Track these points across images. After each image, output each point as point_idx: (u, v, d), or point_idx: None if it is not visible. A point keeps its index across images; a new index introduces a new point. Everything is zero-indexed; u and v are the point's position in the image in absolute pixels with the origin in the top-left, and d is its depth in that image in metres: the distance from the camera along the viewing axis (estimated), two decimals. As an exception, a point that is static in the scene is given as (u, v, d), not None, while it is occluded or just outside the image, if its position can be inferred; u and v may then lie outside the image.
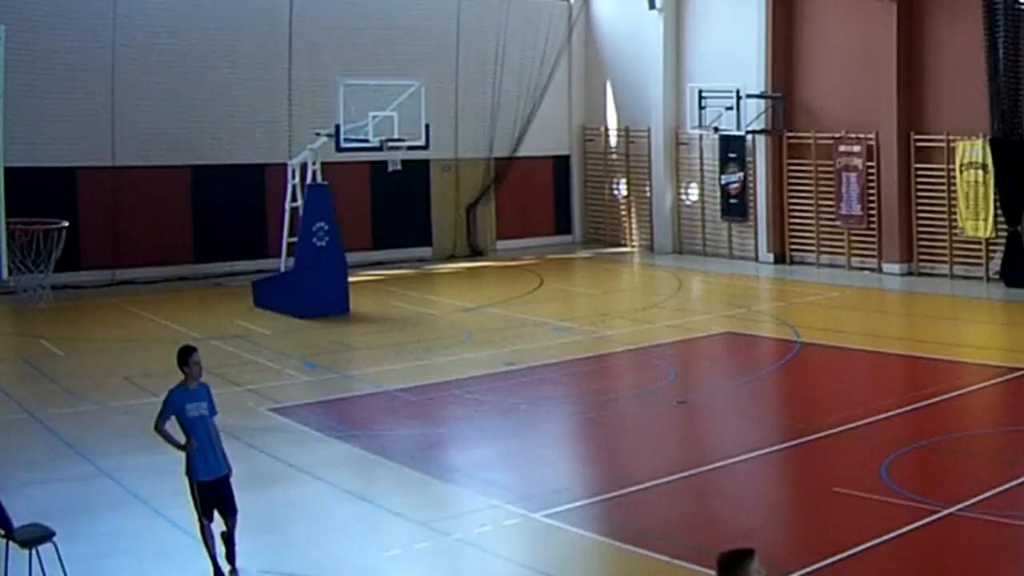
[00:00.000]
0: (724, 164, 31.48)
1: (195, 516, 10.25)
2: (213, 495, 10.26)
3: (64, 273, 25.29)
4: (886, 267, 27.91)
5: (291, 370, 18.74)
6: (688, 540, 11.09)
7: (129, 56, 27.39)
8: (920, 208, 27.42)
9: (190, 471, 10.34)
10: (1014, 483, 12.06)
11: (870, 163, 28.05)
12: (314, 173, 23.93)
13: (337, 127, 23.62)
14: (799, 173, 29.91)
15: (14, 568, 9.79)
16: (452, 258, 32.56)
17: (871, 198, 28.14)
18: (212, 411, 10.57)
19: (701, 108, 30.38)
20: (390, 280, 28.57)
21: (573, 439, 15.51)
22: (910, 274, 27.45)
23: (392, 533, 11.40)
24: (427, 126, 24.97)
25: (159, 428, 10.32)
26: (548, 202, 35.63)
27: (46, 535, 9.64)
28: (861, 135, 28.10)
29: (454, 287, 28.54)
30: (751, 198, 30.95)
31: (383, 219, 31.69)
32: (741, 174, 31.06)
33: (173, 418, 10.42)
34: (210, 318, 23.32)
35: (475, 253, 33.19)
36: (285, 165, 25.54)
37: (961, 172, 26.19)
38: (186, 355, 10.56)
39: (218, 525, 10.34)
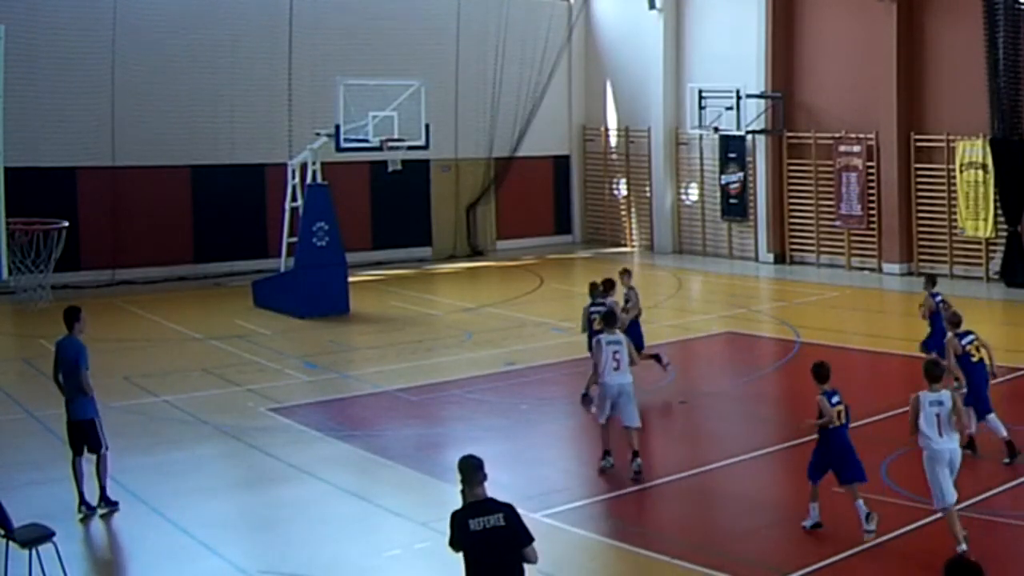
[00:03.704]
0: (724, 164, 31.48)
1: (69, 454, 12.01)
2: (80, 435, 11.92)
3: (64, 273, 25.27)
4: (886, 267, 27.91)
5: (291, 370, 18.74)
6: (688, 540, 11.10)
7: (129, 56, 27.39)
8: (920, 208, 27.41)
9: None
10: (1014, 483, 12.08)
11: (870, 163, 28.04)
12: (314, 173, 23.92)
13: (337, 127, 23.61)
14: (799, 173, 29.91)
15: (14, 568, 9.79)
16: (452, 258, 32.55)
17: (871, 198, 28.13)
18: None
19: (701, 108, 30.38)
20: (390, 280, 28.56)
21: (573, 439, 15.50)
22: (910, 274, 27.43)
23: (392, 533, 11.41)
24: (427, 126, 24.95)
25: (57, 379, 12.00)
26: (548, 202, 35.63)
27: (46, 535, 9.65)
28: (861, 135, 28.09)
29: (454, 287, 28.53)
30: (751, 198, 30.94)
31: (383, 219, 31.68)
32: (741, 174, 31.05)
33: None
34: (210, 318, 23.32)
35: (475, 253, 33.18)
36: (285, 165, 25.54)
37: (961, 172, 26.19)
38: (77, 312, 12.10)
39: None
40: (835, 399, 11.20)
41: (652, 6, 32.46)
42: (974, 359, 12.80)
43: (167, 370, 18.66)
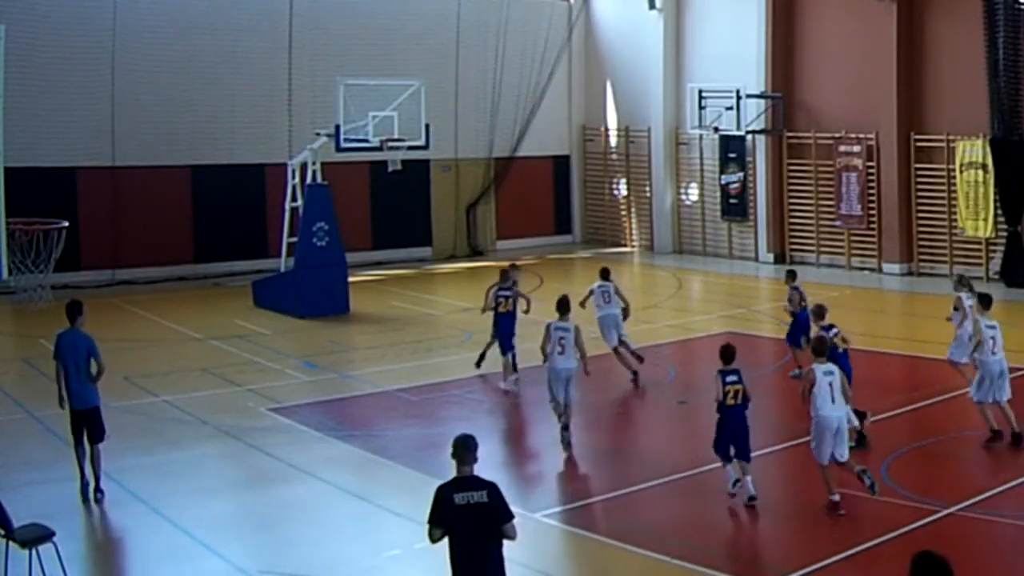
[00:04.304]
0: (724, 164, 31.48)
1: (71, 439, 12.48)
2: (87, 422, 12.28)
3: (64, 273, 25.26)
4: (886, 267, 27.90)
5: (291, 370, 18.74)
6: (688, 540, 11.10)
7: (129, 56, 27.39)
8: (920, 208, 27.41)
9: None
10: (1014, 483, 12.08)
11: (870, 163, 28.04)
12: (314, 173, 23.93)
13: (337, 127, 23.62)
14: (799, 173, 29.91)
15: (14, 568, 9.79)
16: (452, 258, 32.55)
17: (871, 198, 28.13)
18: None
19: (701, 108, 30.37)
20: (390, 280, 28.56)
21: (573, 439, 15.50)
22: (910, 274, 27.44)
23: (392, 533, 11.41)
24: (427, 126, 24.97)
25: (61, 370, 12.35)
26: (548, 202, 35.62)
27: (46, 535, 9.65)
28: (861, 135, 28.09)
29: (454, 287, 28.52)
30: (751, 198, 30.94)
31: (383, 219, 31.68)
32: (741, 174, 31.05)
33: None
34: (210, 318, 23.32)
35: (475, 253, 33.17)
36: (285, 165, 25.54)
37: (961, 172, 26.19)
38: (80, 306, 12.59)
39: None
40: (730, 379, 12.04)
41: (652, 6, 32.45)
42: (839, 350, 13.61)
43: (167, 370, 18.66)
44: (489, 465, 13.87)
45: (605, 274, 18.20)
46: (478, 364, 18.10)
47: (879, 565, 10.31)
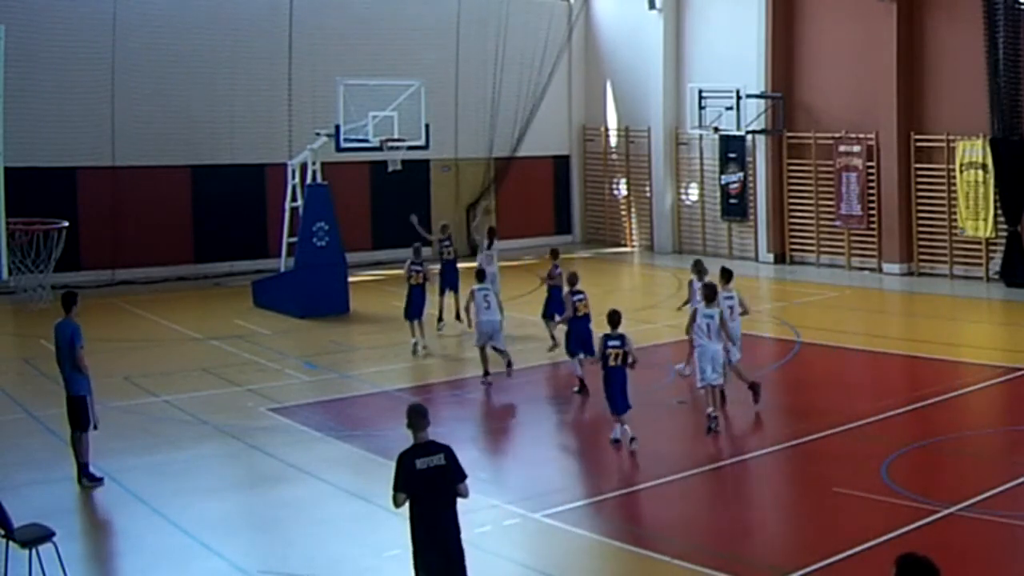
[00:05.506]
0: (724, 164, 31.47)
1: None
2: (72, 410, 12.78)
3: (64, 273, 25.19)
4: (886, 267, 27.90)
5: (291, 370, 18.74)
6: (688, 540, 11.10)
7: (129, 56, 27.38)
8: (920, 208, 27.41)
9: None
10: (1014, 483, 12.07)
11: (870, 163, 28.03)
12: (314, 173, 23.93)
13: (337, 127, 23.61)
14: (799, 173, 29.90)
15: (14, 568, 9.79)
16: (452, 258, 32.49)
17: (871, 198, 28.13)
18: None
19: (701, 108, 30.34)
20: (390, 280, 28.52)
21: (573, 439, 15.51)
22: (910, 274, 27.43)
23: (392, 533, 11.36)
24: (427, 126, 24.96)
25: (58, 359, 12.90)
26: (548, 202, 35.62)
27: (46, 535, 9.65)
28: (861, 135, 28.08)
29: (454, 287, 28.46)
30: (751, 198, 30.94)
31: (383, 219, 31.67)
32: (741, 174, 31.04)
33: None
34: (210, 318, 23.32)
35: (475, 253, 33.09)
36: (285, 165, 25.53)
37: (961, 172, 26.18)
38: (75, 296, 13.13)
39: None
40: (612, 343, 13.86)
41: (652, 6, 32.45)
42: (579, 314, 16.74)
43: (167, 370, 18.66)
44: (490, 465, 13.92)
45: (491, 233, 23.19)
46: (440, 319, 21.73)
47: (879, 565, 10.29)
